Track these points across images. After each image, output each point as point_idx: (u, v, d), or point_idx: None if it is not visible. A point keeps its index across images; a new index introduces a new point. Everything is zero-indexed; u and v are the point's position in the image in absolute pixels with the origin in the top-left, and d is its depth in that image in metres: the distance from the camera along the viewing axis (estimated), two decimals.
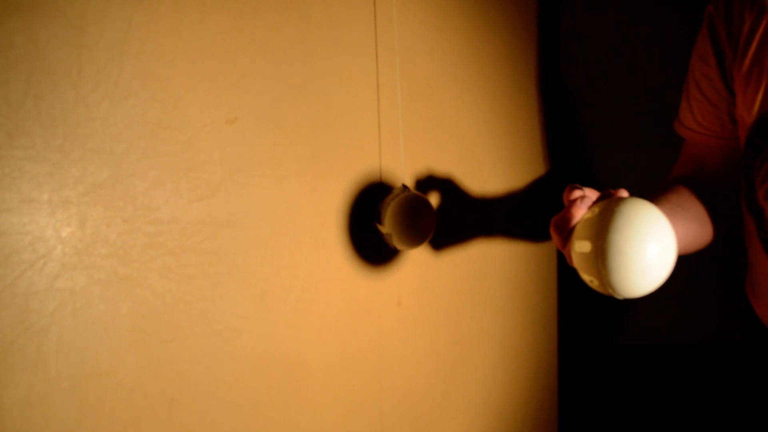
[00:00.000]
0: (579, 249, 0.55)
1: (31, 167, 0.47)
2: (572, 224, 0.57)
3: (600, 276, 0.53)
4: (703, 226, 0.72)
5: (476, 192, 0.97)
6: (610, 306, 1.59)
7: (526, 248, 1.13)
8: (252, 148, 0.63)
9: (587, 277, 0.55)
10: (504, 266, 1.06)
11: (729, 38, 0.67)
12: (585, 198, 0.58)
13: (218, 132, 0.60)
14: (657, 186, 0.77)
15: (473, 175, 0.96)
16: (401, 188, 0.78)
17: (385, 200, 0.76)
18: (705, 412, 1.50)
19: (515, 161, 1.07)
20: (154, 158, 0.55)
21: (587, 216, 0.55)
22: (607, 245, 0.52)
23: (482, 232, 1.00)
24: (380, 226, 0.75)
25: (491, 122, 1.00)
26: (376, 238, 0.77)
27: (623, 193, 0.58)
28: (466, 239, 0.96)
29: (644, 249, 0.51)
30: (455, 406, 0.96)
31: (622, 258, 0.51)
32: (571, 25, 1.43)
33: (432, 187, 0.87)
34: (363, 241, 0.77)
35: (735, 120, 0.71)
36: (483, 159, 0.99)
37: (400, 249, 0.78)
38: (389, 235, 0.75)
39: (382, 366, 0.81)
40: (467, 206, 0.95)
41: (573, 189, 0.59)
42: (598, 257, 0.52)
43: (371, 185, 0.77)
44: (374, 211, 0.77)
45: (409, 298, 0.85)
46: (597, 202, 0.57)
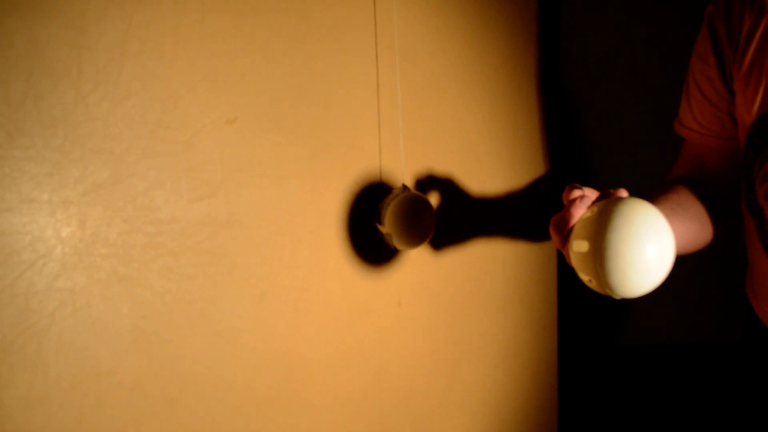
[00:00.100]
0: (577, 248, 0.55)
1: (31, 167, 0.47)
2: (571, 224, 0.57)
3: (598, 276, 0.53)
4: (703, 226, 0.72)
5: (476, 192, 0.97)
6: (610, 306, 1.60)
7: (526, 248, 1.13)
8: (252, 148, 0.63)
9: (585, 277, 0.55)
10: (504, 266, 1.06)
11: (729, 38, 0.67)
12: (584, 198, 0.58)
13: (218, 132, 0.60)
14: (657, 186, 0.77)
15: (473, 175, 0.96)
16: (401, 188, 0.78)
17: (385, 200, 0.76)
18: (705, 412, 1.50)
19: (515, 161, 1.07)
20: (154, 158, 0.55)
21: (586, 215, 0.55)
22: (605, 245, 0.51)
23: (482, 232, 1.00)
24: (380, 226, 0.75)
25: (491, 122, 1.00)
26: (376, 238, 0.77)
27: (623, 193, 0.58)
28: (466, 239, 0.96)
29: (642, 249, 0.51)
30: (455, 406, 0.96)
31: (620, 258, 0.51)
32: (571, 25, 1.43)
33: (432, 187, 0.87)
34: (363, 241, 0.77)
35: (735, 120, 0.71)
36: (483, 159, 0.99)
37: (400, 249, 0.78)
38: (389, 235, 0.75)
39: (382, 366, 0.81)
40: (467, 206, 0.95)
41: (572, 189, 0.59)
42: (596, 257, 0.52)
43: (371, 185, 0.77)
44: (374, 211, 0.77)
45: (409, 298, 0.85)
46: (596, 202, 0.57)
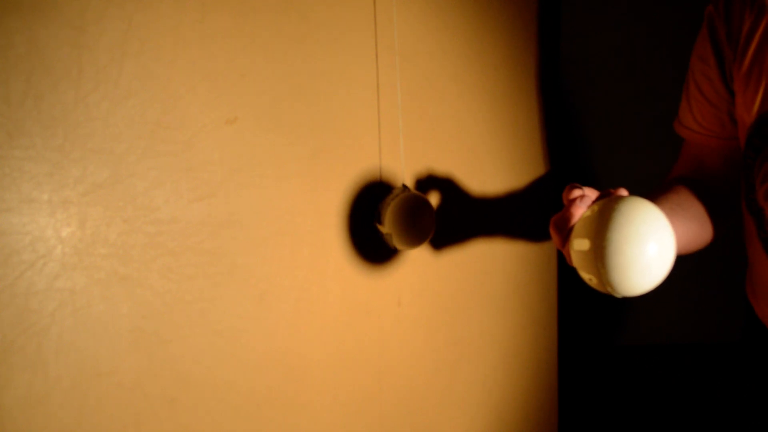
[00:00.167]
0: (578, 247, 0.55)
1: (31, 167, 0.47)
2: (572, 223, 0.57)
3: (599, 274, 0.53)
4: (703, 226, 0.72)
5: (476, 192, 0.97)
6: (610, 306, 1.59)
7: (526, 248, 1.13)
8: (252, 148, 0.63)
9: (586, 276, 0.55)
10: (504, 266, 1.06)
11: (729, 38, 0.67)
12: (584, 197, 0.58)
13: (218, 132, 0.60)
14: (657, 186, 0.77)
15: (473, 175, 0.96)
16: (401, 188, 0.78)
17: (385, 200, 0.76)
18: (705, 412, 1.50)
19: (515, 161, 1.07)
20: (154, 158, 0.55)
21: (586, 214, 0.55)
22: (606, 243, 0.51)
23: (482, 232, 1.00)
24: (380, 226, 0.75)
25: (491, 122, 1.00)
26: (376, 238, 0.77)
27: (623, 192, 0.58)
28: (466, 239, 0.96)
29: (643, 247, 0.51)
30: (455, 406, 0.96)
31: (621, 256, 0.51)
32: (571, 25, 1.43)
33: (432, 187, 0.87)
34: (363, 241, 0.77)
35: (735, 120, 0.71)
36: (483, 159, 0.99)
37: (400, 249, 0.78)
38: (389, 235, 0.75)
39: (382, 366, 0.81)
40: (467, 206, 0.95)
41: (572, 188, 0.59)
42: (597, 255, 0.52)
43: (371, 185, 0.77)
44: (374, 211, 0.77)
45: (409, 298, 0.85)
46: (596, 201, 0.57)
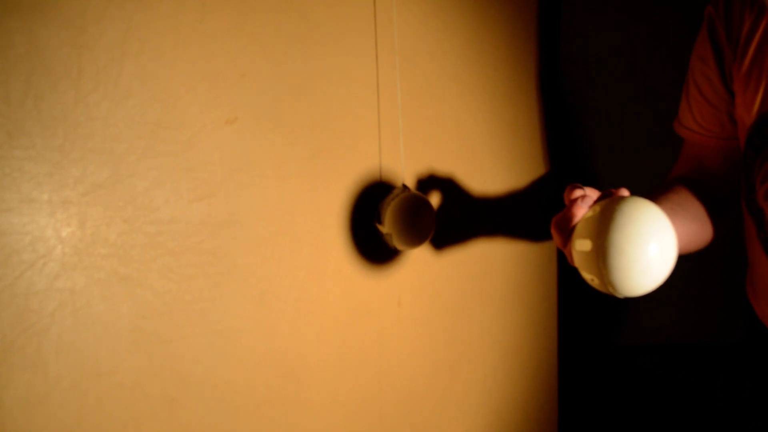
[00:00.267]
0: (580, 247, 0.55)
1: (31, 167, 0.47)
2: (573, 223, 0.57)
3: (601, 274, 0.53)
4: (703, 226, 0.72)
5: (476, 192, 0.97)
6: (611, 306, 1.59)
7: (526, 248, 1.13)
8: (252, 148, 0.63)
9: (588, 276, 0.55)
10: (504, 266, 1.06)
11: (729, 38, 0.67)
12: (586, 197, 0.58)
13: (218, 132, 0.60)
14: (657, 186, 0.77)
15: (473, 175, 0.96)
16: (401, 188, 0.78)
17: (385, 200, 0.76)
18: (705, 412, 1.50)
19: (515, 161, 1.07)
20: (154, 158, 0.55)
21: (588, 215, 0.55)
22: (608, 244, 0.52)
23: (482, 232, 1.00)
24: (380, 226, 0.75)
25: (491, 122, 1.00)
26: (376, 238, 0.77)
27: (624, 193, 0.58)
28: (466, 239, 0.96)
29: (645, 248, 0.51)
30: (455, 406, 0.96)
31: (623, 256, 0.51)
32: (571, 25, 1.43)
33: (432, 187, 0.87)
34: (363, 241, 0.77)
35: (734, 120, 0.71)
36: (483, 159, 0.99)
37: (400, 249, 0.78)
38: (389, 235, 0.75)
39: (382, 366, 0.81)
40: (467, 206, 0.95)
41: (574, 188, 0.59)
42: (599, 256, 0.52)
43: (371, 185, 0.77)
44: (374, 211, 0.77)
45: (409, 298, 0.85)
46: (598, 202, 0.57)
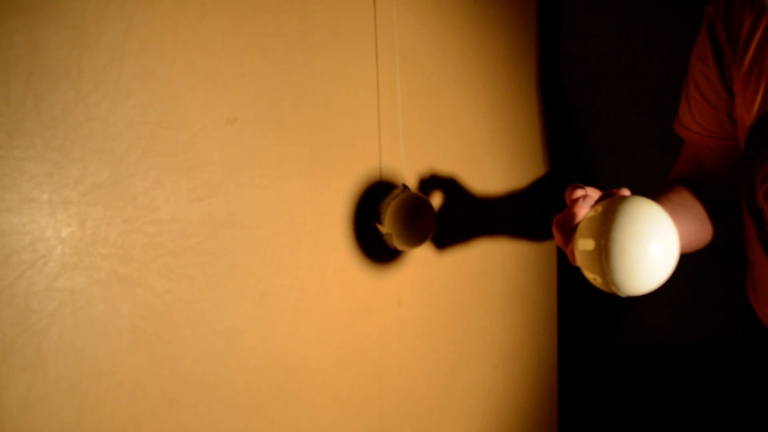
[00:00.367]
0: (582, 247, 0.55)
1: (31, 167, 0.47)
2: (575, 223, 0.57)
3: (603, 274, 0.53)
4: (704, 226, 0.72)
5: (476, 192, 0.97)
6: (611, 306, 1.59)
7: (527, 248, 1.13)
8: (252, 148, 0.63)
9: (590, 275, 0.55)
10: (504, 266, 1.06)
11: (728, 39, 0.67)
12: (587, 197, 0.58)
13: (218, 132, 0.60)
14: (657, 186, 0.77)
15: (473, 175, 0.96)
16: (401, 188, 0.78)
17: (385, 200, 0.76)
18: (705, 412, 1.50)
19: (515, 161, 1.07)
20: (154, 158, 0.55)
21: (590, 214, 0.56)
22: (611, 243, 0.52)
23: (482, 232, 1.00)
24: (380, 226, 0.75)
25: (491, 122, 1.00)
26: (376, 238, 0.77)
27: (625, 192, 0.58)
28: (467, 239, 0.96)
29: (647, 247, 0.51)
30: (455, 406, 0.96)
31: (625, 256, 0.51)
32: (571, 25, 1.43)
33: (432, 187, 0.87)
34: (363, 241, 0.77)
35: (734, 120, 0.71)
36: (483, 159, 0.99)
37: (400, 249, 0.78)
38: (389, 235, 0.75)
39: (382, 366, 0.81)
40: (467, 206, 0.95)
41: (575, 188, 0.59)
42: (602, 255, 0.52)
43: (371, 185, 0.77)
44: (374, 211, 0.77)
45: (409, 298, 0.85)
46: (599, 201, 0.57)
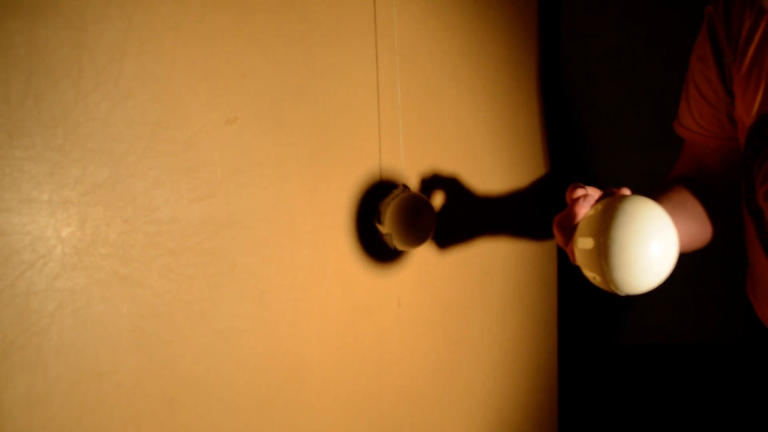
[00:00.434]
0: (582, 246, 0.55)
1: (31, 167, 0.47)
2: (575, 222, 0.58)
3: (603, 272, 0.53)
4: (704, 226, 0.72)
5: (476, 192, 0.97)
6: (611, 306, 1.60)
7: (527, 248, 1.13)
8: (252, 148, 0.63)
9: (590, 274, 0.56)
10: (504, 266, 1.06)
11: (728, 39, 0.67)
12: (588, 196, 0.58)
13: (218, 132, 0.60)
14: (657, 185, 0.77)
15: (473, 175, 0.96)
16: (401, 188, 0.78)
17: (385, 200, 0.76)
18: (705, 412, 1.50)
19: (515, 161, 1.07)
20: (154, 158, 0.55)
21: (590, 213, 0.56)
22: (610, 242, 0.52)
23: (482, 232, 1.00)
24: (380, 226, 0.75)
25: (491, 122, 1.00)
26: (376, 238, 0.77)
27: (626, 192, 0.58)
28: (467, 239, 0.96)
29: (647, 246, 0.51)
30: (455, 406, 0.96)
31: (625, 254, 0.51)
32: (571, 25, 1.43)
33: (432, 187, 0.87)
34: (363, 241, 0.77)
35: (734, 121, 0.71)
36: (483, 159, 0.99)
37: (400, 249, 0.78)
38: (389, 235, 0.75)
39: (382, 366, 0.81)
40: (467, 206, 0.96)
41: (576, 188, 0.59)
42: (601, 254, 0.53)
43: (371, 185, 0.77)
44: (374, 211, 0.77)
45: (409, 298, 0.85)
46: (600, 200, 0.57)
